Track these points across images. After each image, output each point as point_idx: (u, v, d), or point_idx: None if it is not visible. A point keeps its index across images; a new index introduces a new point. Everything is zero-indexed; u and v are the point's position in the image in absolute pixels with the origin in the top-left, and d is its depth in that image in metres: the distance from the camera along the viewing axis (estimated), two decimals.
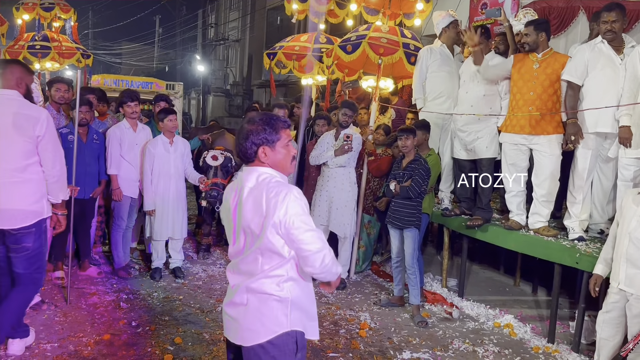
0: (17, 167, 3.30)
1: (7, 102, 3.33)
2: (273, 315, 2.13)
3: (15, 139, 3.28)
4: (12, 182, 3.29)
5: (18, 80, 3.40)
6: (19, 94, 3.39)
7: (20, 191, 3.31)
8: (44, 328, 4.08)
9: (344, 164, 5.41)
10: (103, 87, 9.25)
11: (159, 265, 5.43)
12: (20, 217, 3.33)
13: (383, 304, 5.04)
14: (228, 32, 30.29)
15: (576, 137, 4.27)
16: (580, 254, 4.13)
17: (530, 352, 4.23)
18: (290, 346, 2.15)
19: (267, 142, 2.18)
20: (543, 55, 4.55)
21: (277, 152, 2.20)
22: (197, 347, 3.93)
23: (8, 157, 3.27)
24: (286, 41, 7.89)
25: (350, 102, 5.77)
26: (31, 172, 3.35)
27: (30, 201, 3.35)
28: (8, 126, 3.27)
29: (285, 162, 2.23)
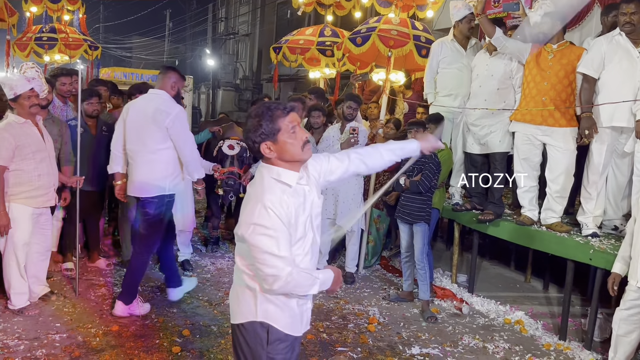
0: (152, 150, 4.10)
1: (154, 98, 4.16)
2: (246, 301, 2.17)
3: (152, 128, 4.07)
4: (146, 161, 4.12)
5: (172, 84, 4.20)
6: (166, 93, 4.15)
7: (150, 169, 4.11)
8: (53, 319, 4.08)
9: None
10: (113, 80, 9.24)
11: None
12: (147, 188, 4.12)
13: (392, 299, 5.00)
14: (238, 26, 30.26)
15: (590, 132, 4.20)
16: (594, 250, 4.06)
17: (541, 349, 4.17)
18: (261, 335, 2.15)
19: (267, 137, 2.04)
20: (559, 47, 4.48)
21: (281, 144, 2.04)
22: (205, 340, 3.91)
23: (146, 141, 4.10)
24: (292, 35, 7.86)
25: (355, 95, 5.71)
26: (161, 155, 4.12)
27: (156, 177, 4.12)
28: (149, 117, 4.08)
29: (294, 151, 2.06)
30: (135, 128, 4.16)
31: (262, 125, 2.04)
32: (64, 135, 4.73)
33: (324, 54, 7.28)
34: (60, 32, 8.25)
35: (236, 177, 5.44)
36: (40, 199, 4.13)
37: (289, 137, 2.05)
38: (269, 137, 2.04)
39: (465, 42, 5.46)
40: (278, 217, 1.99)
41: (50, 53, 8.23)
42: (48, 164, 4.16)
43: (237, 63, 30.92)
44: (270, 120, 2.04)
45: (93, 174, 5.03)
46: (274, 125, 2.04)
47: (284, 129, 2.05)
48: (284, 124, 2.05)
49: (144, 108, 4.15)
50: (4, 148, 3.89)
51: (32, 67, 4.20)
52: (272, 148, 2.06)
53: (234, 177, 5.44)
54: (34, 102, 4.01)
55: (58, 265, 5.16)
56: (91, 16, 30.96)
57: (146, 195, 4.13)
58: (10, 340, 3.68)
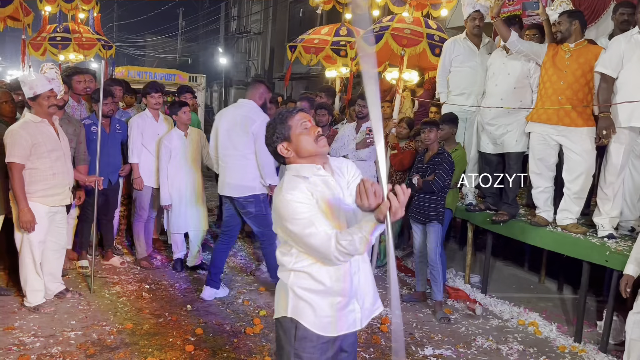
0: (243, 154, 4.44)
1: (242, 106, 4.57)
2: (281, 297, 2.25)
3: (241, 133, 4.41)
4: (239, 165, 4.47)
5: (260, 94, 4.55)
6: (254, 102, 4.51)
7: (243, 171, 4.46)
8: (68, 316, 4.13)
9: (365, 158, 5.31)
10: (127, 79, 9.31)
11: (180, 257, 5.45)
12: (240, 189, 4.47)
13: (405, 299, 4.98)
14: (250, 25, 30.32)
15: (608, 132, 4.14)
16: (610, 251, 4.01)
17: (556, 351, 4.13)
18: (290, 330, 2.19)
19: (281, 138, 2.17)
20: (576, 45, 4.42)
21: (294, 141, 2.16)
22: (218, 339, 3.93)
23: (237, 146, 4.45)
24: (308, 34, 7.84)
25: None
26: (250, 159, 4.45)
27: (247, 179, 4.46)
28: (238, 124, 4.45)
29: (308, 144, 2.15)
30: (227, 134, 4.51)
31: (276, 128, 2.18)
32: (79, 134, 4.78)
33: (338, 54, 7.25)
34: (74, 32, 8.31)
35: None
36: (55, 197, 4.17)
37: (301, 133, 2.16)
38: (283, 138, 2.17)
39: (478, 41, 5.42)
40: (300, 202, 2.06)
41: (64, 52, 8.30)
42: (63, 163, 4.20)
43: (249, 61, 30.99)
44: (281, 122, 2.18)
45: (107, 173, 5.08)
46: (285, 125, 2.17)
47: (295, 126, 2.17)
48: (293, 122, 2.17)
49: (233, 115, 4.55)
50: (20, 146, 3.94)
51: (52, 68, 4.25)
52: (289, 147, 2.18)
53: None
54: (52, 103, 4.06)
55: (73, 263, 5.21)
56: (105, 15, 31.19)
57: (241, 195, 4.48)
58: (26, 338, 3.73)
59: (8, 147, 3.94)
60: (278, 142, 2.18)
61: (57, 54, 8.23)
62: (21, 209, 3.98)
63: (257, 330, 4.07)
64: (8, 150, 3.94)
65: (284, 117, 2.19)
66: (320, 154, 2.18)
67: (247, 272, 5.51)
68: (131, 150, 5.29)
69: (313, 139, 2.16)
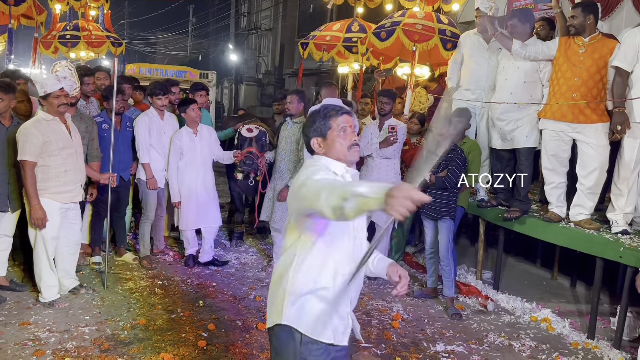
0: None
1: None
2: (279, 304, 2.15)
3: None
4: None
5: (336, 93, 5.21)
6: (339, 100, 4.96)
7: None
8: (82, 311, 4.17)
9: (390, 156, 5.22)
10: (138, 76, 9.35)
11: (192, 253, 5.48)
12: None
13: (416, 295, 4.98)
14: (260, 21, 30.30)
15: (623, 127, 4.09)
16: (624, 247, 3.97)
17: (569, 347, 4.11)
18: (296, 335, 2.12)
19: (318, 133, 2.17)
20: (590, 40, 4.36)
21: (329, 141, 2.15)
22: (230, 334, 3.95)
23: None
24: (319, 30, 7.82)
25: (388, 90, 5.64)
26: None
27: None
28: None
29: (341, 150, 2.14)
30: None
31: (316, 121, 2.17)
32: (92, 131, 4.82)
33: (350, 51, 7.22)
34: (84, 29, 8.36)
35: (254, 157, 5.43)
36: (67, 194, 4.21)
37: (338, 136, 2.15)
38: (320, 133, 2.17)
39: (489, 36, 5.36)
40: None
41: (74, 50, 8.35)
42: (75, 160, 4.23)
43: (259, 58, 30.98)
44: (323, 118, 2.17)
45: (118, 170, 5.11)
46: (325, 123, 2.16)
47: (334, 128, 2.15)
48: (335, 123, 2.15)
49: None
50: (32, 144, 3.98)
51: (65, 66, 4.28)
52: (322, 144, 2.17)
53: (252, 157, 5.43)
54: (62, 102, 4.09)
55: (86, 259, 5.26)
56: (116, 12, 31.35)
57: None
58: (42, 333, 3.77)
59: (20, 145, 3.99)
60: (313, 136, 2.18)
61: (67, 52, 8.28)
62: (33, 206, 4.03)
63: None
64: (20, 148, 3.99)
65: (327, 113, 2.17)
66: (348, 163, 2.18)
67: (259, 268, 5.53)
68: (141, 149, 5.25)
69: (347, 145, 2.15)
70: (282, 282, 2.15)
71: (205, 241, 5.48)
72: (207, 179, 5.40)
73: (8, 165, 4.29)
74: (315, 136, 2.17)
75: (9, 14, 6.99)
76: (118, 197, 5.29)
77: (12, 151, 4.22)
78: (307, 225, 2.09)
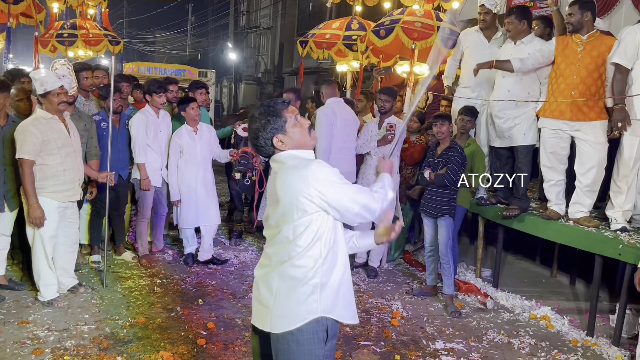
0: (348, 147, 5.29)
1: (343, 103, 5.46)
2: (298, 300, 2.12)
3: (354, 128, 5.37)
4: (352, 155, 5.31)
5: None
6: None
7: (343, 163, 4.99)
8: (81, 310, 4.17)
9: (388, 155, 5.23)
10: (136, 75, 9.34)
11: (191, 251, 5.48)
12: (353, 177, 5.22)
13: (415, 293, 4.98)
14: (259, 20, 30.30)
15: (623, 124, 4.09)
16: (623, 245, 3.97)
17: (568, 345, 4.11)
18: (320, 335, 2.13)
19: (277, 130, 2.15)
20: (588, 37, 4.36)
21: (290, 134, 2.16)
22: (230, 332, 3.95)
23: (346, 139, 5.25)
24: (318, 28, 7.82)
25: (388, 88, 5.63)
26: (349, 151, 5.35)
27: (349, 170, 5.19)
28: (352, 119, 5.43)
29: (302, 137, 2.19)
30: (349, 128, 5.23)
31: (270, 121, 2.15)
32: (90, 129, 4.81)
33: (350, 49, 7.22)
34: (81, 28, 8.34)
35: (249, 157, 5.48)
36: (65, 193, 4.20)
37: (295, 126, 2.18)
38: (279, 130, 2.15)
39: (490, 33, 5.36)
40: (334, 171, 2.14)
41: (71, 49, 8.34)
42: (74, 159, 4.23)
43: (258, 56, 30.98)
44: (275, 115, 2.15)
45: (117, 168, 5.11)
46: (279, 118, 2.16)
47: (289, 119, 2.17)
48: (287, 114, 2.17)
49: (348, 111, 5.35)
50: (30, 143, 3.97)
51: (63, 64, 4.28)
52: (283, 140, 2.16)
53: (247, 157, 5.48)
54: (62, 100, 4.08)
55: (85, 258, 5.26)
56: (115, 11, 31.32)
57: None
58: (40, 331, 3.77)
59: (18, 144, 3.98)
60: (273, 135, 2.15)
61: (65, 50, 8.27)
62: (31, 205, 4.02)
63: None
64: (18, 147, 3.98)
65: (276, 109, 2.16)
66: (311, 147, 2.24)
67: None
68: (137, 149, 5.17)
69: (306, 130, 2.20)
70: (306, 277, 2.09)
71: (205, 240, 5.47)
72: (206, 178, 5.39)
73: (4, 165, 4.29)
74: (275, 134, 2.15)
75: (7, 12, 6.98)
76: (117, 196, 5.28)
77: (8, 150, 4.22)
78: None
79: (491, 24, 5.33)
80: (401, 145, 5.37)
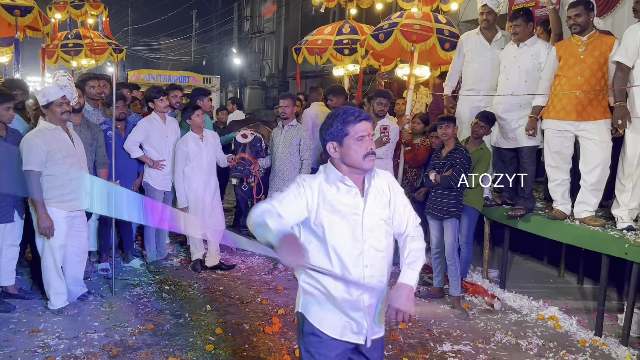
0: None
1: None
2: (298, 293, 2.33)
3: None
4: None
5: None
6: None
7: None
8: (90, 318, 4.21)
9: (382, 156, 5.27)
10: (141, 82, 9.43)
11: (199, 257, 5.51)
12: None
13: (422, 296, 4.98)
14: (263, 24, 30.38)
15: (624, 121, 4.09)
16: (630, 244, 3.96)
17: (576, 345, 4.10)
18: (300, 326, 2.28)
19: (334, 137, 2.15)
20: (588, 38, 4.36)
21: (345, 147, 2.14)
22: (238, 338, 3.98)
23: None
24: (312, 34, 7.87)
25: (384, 91, 5.67)
26: None
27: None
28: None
29: (356, 157, 2.13)
30: None
31: (333, 125, 2.15)
32: (98, 138, 4.86)
33: (341, 53, 7.27)
34: (85, 37, 8.42)
35: (246, 163, 5.49)
36: (73, 202, 4.25)
37: (354, 144, 2.13)
38: (336, 138, 2.15)
39: (490, 35, 5.35)
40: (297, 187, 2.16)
41: (76, 58, 8.42)
42: (79, 169, 4.28)
43: (263, 61, 31.05)
44: (341, 123, 2.14)
45: (124, 176, 5.16)
46: (343, 129, 2.13)
47: (352, 135, 2.13)
48: (353, 129, 2.13)
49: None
50: (36, 154, 4.03)
51: (64, 75, 4.34)
52: (337, 149, 2.16)
53: (244, 163, 5.49)
54: (65, 109, 4.14)
55: (94, 266, 5.30)
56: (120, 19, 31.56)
57: None
58: (51, 340, 3.81)
59: (24, 155, 4.04)
60: (329, 140, 2.17)
61: (70, 60, 8.35)
62: (40, 216, 4.07)
63: (275, 329, 4.11)
64: (24, 158, 4.04)
65: (346, 119, 2.14)
66: (363, 170, 2.18)
67: (265, 272, 5.55)
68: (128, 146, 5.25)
69: (363, 153, 2.13)
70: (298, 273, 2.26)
71: (212, 245, 5.51)
72: (212, 184, 5.44)
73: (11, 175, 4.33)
74: (331, 140, 2.16)
75: (15, 25, 7.07)
76: None
77: (12, 162, 4.25)
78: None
79: (492, 25, 5.34)
80: (394, 147, 5.38)
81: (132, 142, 5.27)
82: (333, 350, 2.22)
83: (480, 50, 5.30)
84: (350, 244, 2.18)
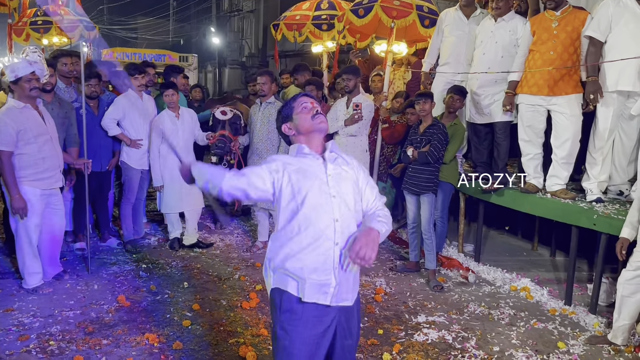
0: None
1: None
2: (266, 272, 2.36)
3: None
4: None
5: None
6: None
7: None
8: (66, 296, 4.19)
9: (355, 133, 5.26)
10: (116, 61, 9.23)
11: (176, 236, 5.50)
12: None
13: (399, 270, 5.05)
14: (242, 3, 29.91)
15: (595, 96, 4.15)
16: (598, 215, 4.06)
17: (546, 314, 4.21)
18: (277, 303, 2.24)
19: (285, 118, 2.36)
20: (562, 13, 4.39)
21: (295, 120, 2.33)
22: (215, 313, 4.00)
23: None
24: (290, 11, 7.77)
25: (351, 67, 5.66)
26: None
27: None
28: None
29: (305, 124, 2.30)
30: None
31: (281, 112, 2.40)
32: (70, 116, 4.78)
33: (319, 29, 7.20)
34: (55, 14, 8.17)
35: (226, 140, 5.41)
36: (47, 180, 4.20)
37: (301, 112, 2.33)
38: (287, 118, 2.36)
39: (469, 11, 5.36)
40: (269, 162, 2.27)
41: (46, 36, 8.19)
42: (51, 147, 4.21)
43: (242, 40, 30.61)
44: (286, 106, 2.39)
45: (99, 155, 5.09)
46: (289, 107, 2.38)
47: (296, 108, 2.35)
48: (296, 103, 2.36)
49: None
50: (6, 134, 3.94)
51: (34, 52, 4.23)
52: (291, 126, 2.37)
53: (224, 140, 5.40)
54: (34, 85, 4.04)
55: (69, 245, 5.26)
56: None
57: None
58: (26, 318, 3.79)
59: None
60: (283, 123, 2.37)
61: (40, 38, 8.13)
62: (13, 197, 4.01)
63: (253, 305, 4.14)
64: None
65: (290, 102, 2.38)
66: (316, 130, 2.31)
67: (244, 249, 5.57)
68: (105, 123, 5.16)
69: (310, 115, 2.30)
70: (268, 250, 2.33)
71: (189, 224, 5.49)
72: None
73: None
74: (285, 122, 2.36)
75: None
76: (100, 183, 5.28)
77: None
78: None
79: (472, 2, 5.35)
80: (368, 124, 5.37)
81: (110, 119, 5.18)
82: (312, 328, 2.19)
83: (457, 24, 5.31)
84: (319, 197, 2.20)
